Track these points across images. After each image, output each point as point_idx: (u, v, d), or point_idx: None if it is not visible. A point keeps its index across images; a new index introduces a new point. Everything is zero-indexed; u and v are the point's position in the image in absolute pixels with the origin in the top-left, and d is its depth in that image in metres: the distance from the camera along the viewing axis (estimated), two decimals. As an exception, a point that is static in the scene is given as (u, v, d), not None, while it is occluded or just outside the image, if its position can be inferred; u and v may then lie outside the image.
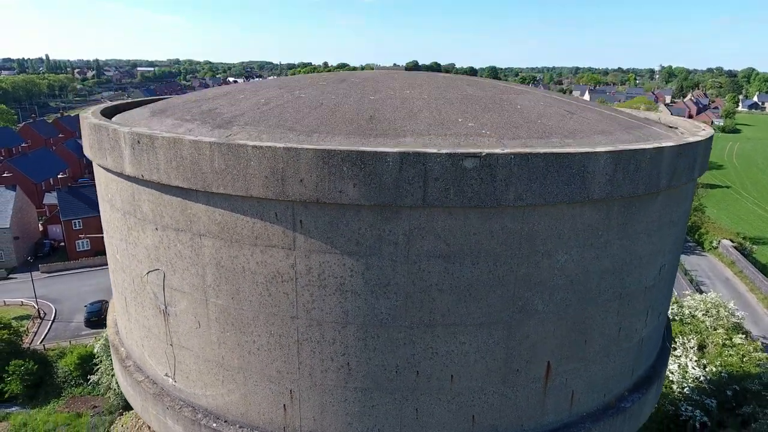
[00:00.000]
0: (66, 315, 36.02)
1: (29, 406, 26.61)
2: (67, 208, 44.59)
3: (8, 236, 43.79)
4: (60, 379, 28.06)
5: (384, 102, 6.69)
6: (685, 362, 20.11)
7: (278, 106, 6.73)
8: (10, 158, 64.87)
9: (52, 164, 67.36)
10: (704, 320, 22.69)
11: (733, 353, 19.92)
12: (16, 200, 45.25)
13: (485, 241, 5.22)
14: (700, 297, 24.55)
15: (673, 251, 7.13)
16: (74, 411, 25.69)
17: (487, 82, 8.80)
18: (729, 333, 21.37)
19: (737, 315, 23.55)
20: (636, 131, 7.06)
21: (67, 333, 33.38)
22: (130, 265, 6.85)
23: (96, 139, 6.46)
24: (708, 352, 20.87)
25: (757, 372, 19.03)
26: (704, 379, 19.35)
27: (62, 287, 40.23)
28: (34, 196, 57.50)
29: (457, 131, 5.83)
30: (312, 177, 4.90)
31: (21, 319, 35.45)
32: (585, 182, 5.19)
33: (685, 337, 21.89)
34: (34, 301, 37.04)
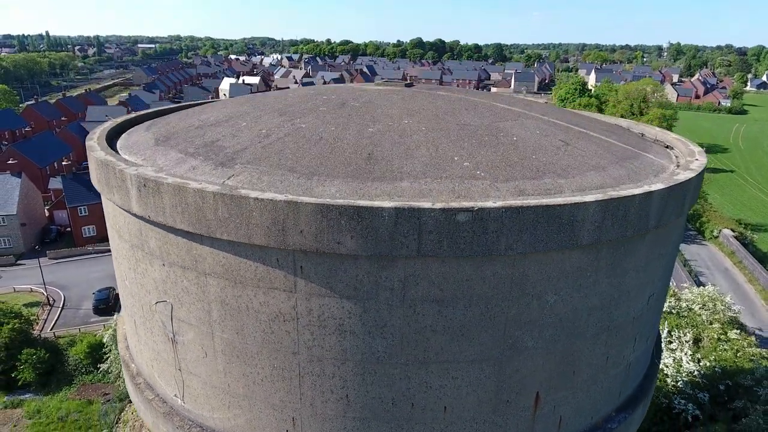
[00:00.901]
0: (74, 302, 36.81)
1: (42, 393, 27.57)
2: (73, 195, 45.06)
3: (15, 223, 44.39)
4: (71, 367, 28.94)
5: (382, 135, 6.85)
6: (680, 356, 20.53)
7: (279, 139, 6.90)
8: (14, 143, 65.06)
9: (56, 148, 67.57)
10: (701, 313, 23.06)
11: (728, 348, 20.33)
12: (22, 187, 45.72)
13: (477, 286, 5.46)
14: (697, 290, 24.89)
15: (663, 279, 7.36)
16: (85, 398, 26.60)
17: (486, 103, 8.89)
18: (724, 327, 21.73)
19: (734, 309, 23.91)
20: (630, 163, 7.21)
21: (77, 320, 34.19)
22: (138, 293, 7.14)
23: (103, 175, 6.67)
24: (703, 346, 21.29)
25: (749, 367, 19.45)
26: (698, 373, 19.80)
27: (70, 273, 40.97)
28: (38, 181, 57.90)
29: (453, 173, 6.01)
30: (311, 229, 5.12)
31: (31, 305, 36.26)
32: (574, 230, 5.39)
33: (681, 331, 22.28)
34: (43, 288, 37.82)
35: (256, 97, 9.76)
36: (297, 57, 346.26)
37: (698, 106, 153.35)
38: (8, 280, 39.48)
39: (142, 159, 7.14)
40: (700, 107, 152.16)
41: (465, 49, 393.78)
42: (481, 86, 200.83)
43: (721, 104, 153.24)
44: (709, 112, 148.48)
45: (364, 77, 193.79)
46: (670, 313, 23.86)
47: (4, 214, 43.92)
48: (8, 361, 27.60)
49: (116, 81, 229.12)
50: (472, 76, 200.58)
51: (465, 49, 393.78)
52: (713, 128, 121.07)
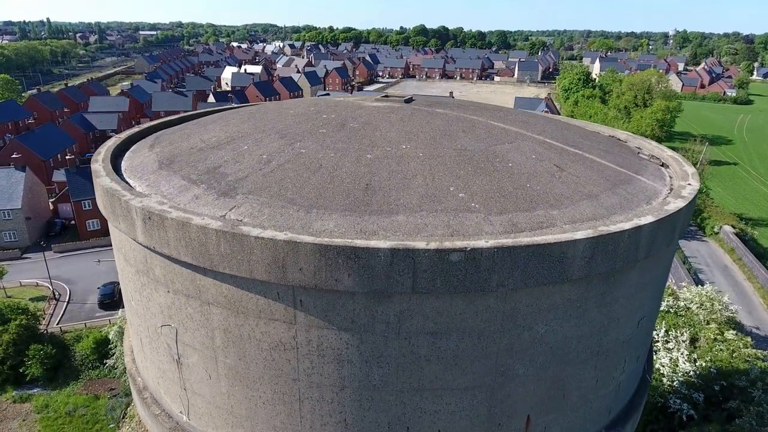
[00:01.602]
0: (80, 296, 37.31)
1: (49, 388, 28.16)
2: (77, 189, 45.36)
3: (20, 217, 44.79)
4: (77, 362, 29.49)
5: (381, 163, 7.01)
6: (676, 356, 20.81)
7: (279, 166, 7.07)
8: (18, 135, 65.27)
9: (59, 140, 67.79)
10: (698, 313, 23.29)
11: (724, 348, 20.58)
12: (26, 180, 46.03)
13: (470, 319, 5.67)
14: (695, 289, 25.09)
15: (653, 302, 7.55)
16: (92, 393, 27.18)
17: (483, 122, 9.01)
18: (721, 327, 21.97)
19: (731, 309, 24.14)
20: (623, 189, 7.35)
21: (82, 314, 34.70)
22: (144, 315, 7.39)
23: (109, 203, 6.87)
24: (700, 346, 21.55)
25: (744, 368, 19.72)
26: (694, 373, 20.09)
27: (75, 267, 41.44)
28: (42, 173, 58.18)
29: (448, 206, 6.18)
30: (310, 266, 5.32)
31: (37, 300, 36.80)
32: (564, 266, 5.58)
33: (678, 330, 22.54)
34: (48, 282, 38.31)
35: (257, 114, 9.89)
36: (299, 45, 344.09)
37: (703, 96, 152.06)
38: (14, 274, 39.98)
39: (147, 185, 7.32)
40: (705, 97, 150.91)
41: (468, 36, 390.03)
42: (485, 75, 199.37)
43: (726, 94, 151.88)
44: (714, 102, 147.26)
45: (367, 66, 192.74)
46: (668, 312, 24.11)
47: (10, 209, 44.32)
48: (16, 356, 28.17)
49: (118, 69, 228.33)
50: (476, 65, 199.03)
51: (468, 36, 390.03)
52: (718, 119, 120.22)
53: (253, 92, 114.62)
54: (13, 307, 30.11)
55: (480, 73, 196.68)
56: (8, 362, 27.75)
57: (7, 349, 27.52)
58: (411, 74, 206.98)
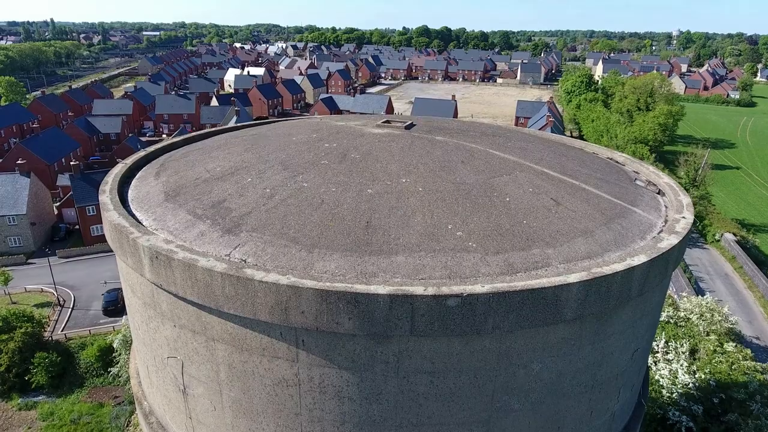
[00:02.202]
0: (84, 302, 37.64)
1: (54, 395, 28.44)
2: (81, 195, 45.70)
3: (25, 222, 45.18)
4: (82, 369, 29.80)
5: (381, 198, 7.20)
6: (676, 368, 20.93)
7: (282, 201, 7.27)
8: (22, 139, 65.75)
9: (64, 144, 68.25)
10: (698, 324, 23.39)
11: (723, 360, 20.68)
12: (31, 186, 46.41)
13: (466, 359, 5.86)
14: (696, 300, 25.18)
15: (648, 333, 7.72)
16: (96, 401, 27.47)
17: (482, 151, 9.18)
18: (721, 339, 22.07)
19: (731, 320, 24.23)
20: (618, 223, 7.51)
21: (86, 321, 35.01)
22: (151, 345, 7.59)
23: (117, 239, 7.07)
24: (699, 358, 21.66)
25: (744, 380, 19.82)
26: (693, 385, 20.21)
27: (79, 273, 41.78)
28: (47, 177, 58.61)
29: (446, 245, 6.36)
30: (312, 310, 5.52)
31: (41, 306, 37.14)
32: (558, 308, 5.76)
33: (678, 342, 22.65)
34: (53, 288, 38.65)
35: (260, 141, 10.09)
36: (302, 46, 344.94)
37: (706, 98, 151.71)
38: (19, 279, 40.30)
39: (153, 218, 7.53)
40: (708, 99, 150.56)
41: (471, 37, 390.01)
42: (487, 77, 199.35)
43: (729, 96, 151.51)
44: (717, 104, 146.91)
45: (369, 67, 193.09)
46: (668, 322, 24.22)
47: (15, 214, 44.72)
48: (22, 364, 28.48)
49: (121, 71, 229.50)
50: (478, 66, 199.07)
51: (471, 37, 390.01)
52: (721, 121, 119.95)
53: (255, 95, 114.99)
54: (18, 314, 30.45)
55: (482, 75, 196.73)
56: (14, 370, 28.08)
57: (12, 357, 27.87)
58: (414, 76, 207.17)
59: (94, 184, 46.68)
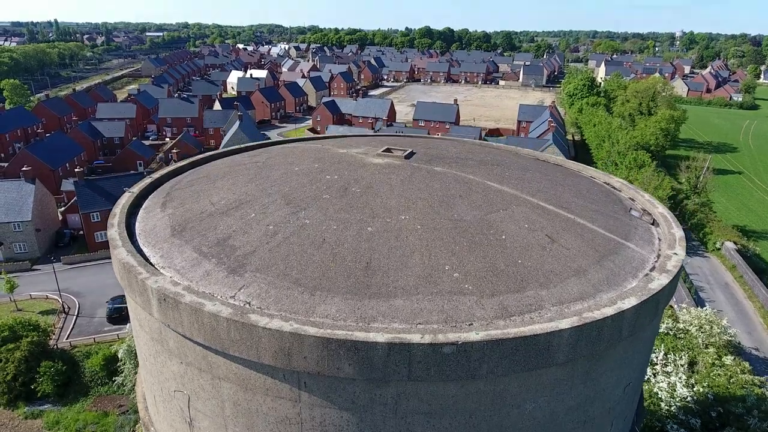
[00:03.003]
0: (89, 309, 37.97)
1: (60, 404, 28.77)
2: (85, 202, 46.10)
3: (30, 229, 45.59)
4: (87, 378, 30.13)
5: (380, 237, 7.43)
6: (674, 381, 21.08)
7: (285, 240, 7.51)
8: (27, 145, 66.24)
9: (68, 148, 68.73)
10: (697, 336, 23.53)
11: (722, 373, 20.84)
12: (36, 192, 46.84)
13: (462, 401, 6.09)
14: (695, 312, 25.31)
15: (639, 368, 7.94)
16: (101, 410, 27.80)
17: (480, 183, 9.40)
18: (719, 351, 22.22)
19: (730, 332, 24.36)
20: (611, 260, 7.73)
21: (91, 328, 35.33)
22: (158, 377, 7.85)
23: (126, 277, 7.33)
24: (698, 371, 21.81)
25: (741, 394, 19.98)
26: (691, 398, 20.36)
27: (84, 280, 42.11)
28: (51, 182, 59.01)
29: (443, 288, 6.60)
30: (314, 356, 5.76)
31: (46, 313, 37.51)
32: (550, 353, 5.98)
33: (677, 354, 22.80)
34: (57, 295, 38.99)
35: (264, 171, 10.32)
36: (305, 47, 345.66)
37: (709, 101, 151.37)
38: (25, 286, 40.67)
39: (160, 255, 7.78)
40: (711, 102, 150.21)
41: (473, 38, 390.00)
42: (489, 79, 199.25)
43: (732, 99, 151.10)
44: (720, 107, 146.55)
45: (372, 69, 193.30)
46: (667, 334, 24.36)
47: (20, 221, 45.14)
48: (27, 373, 28.83)
49: (125, 72, 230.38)
50: (480, 68, 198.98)
51: (473, 38, 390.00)
52: (723, 125, 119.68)
53: (258, 98, 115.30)
54: (24, 323, 30.82)
55: (485, 77, 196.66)
56: (20, 379, 28.43)
57: (18, 366, 28.22)
58: (416, 78, 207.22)
59: (99, 190, 47.10)
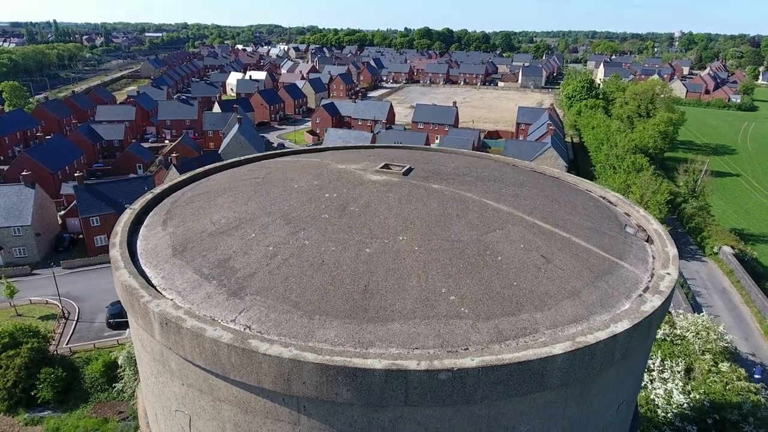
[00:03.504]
0: (88, 314, 38.09)
1: (60, 410, 28.88)
2: (85, 206, 46.21)
3: (30, 233, 45.70)
4: (87, 384, 30.24)
5: (378, 259, 7.57)
6: (671, 387, 21.24)
7: (285, 261, 7.64)
8: (26, 148, 66.36)
9: (67, 152, 68.85)
10: (694, 342, 23.70)
11: (718, 380, 20.99)
12: (36, 197, 46.93)
13: (458, 424, 6.23)
14: (692, 318, 25.49)
15: (632, 386, 8.07)
16: (101, 416, 27.91)
17: (477, 201, 9.53)
18: (716, 358, 22.38)
19: (726, 338, 24.52)
20: (605, 281, 7.86)
21: (91, 334, 35.47)
22: (160, 396, 7.98)
23: (128, 299, 7.46)
24: (694, 377, 21.97)
25: (737, 401, 20.14)
26: (687, 405, 20.52)
27: (84, 285, 42.24)
28: (51, 186, 59.12)
29: (439, 311, 6.73)
30: (313, 381, 5.89)
31: (46, 318, 37.64)
32: (544, 378, 6.12)
33: (674, 360, 22.95)
34: (57, 300, 39.12)
35: (264, 187, 10.46)
36: (304, 48, 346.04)
37: (707, 102, 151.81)
38: (24, 291, 40.78)
39: (162, 276, 7.91)
40: (710, 103, 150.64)
41: (473, 38, 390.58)
42: (489, 80, 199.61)
43: (730, 100, 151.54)
44: (719, 108, 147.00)
45: (371, 71, 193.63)
46: (664, 340, 24.52)
47: (20, 225, 45.24)
48: (28, 379, 28.93)
49: (124, 73, 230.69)
50: (479, 70, 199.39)
51: (473, 38, 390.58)
52: (722, 126, 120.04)
53: (258, 100, 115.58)
54: (24, 329, 30.93)
55: (484, 78, 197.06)
56: (20, 385, 28.51)
57: (19, 372, 28.32)
58: (415, 79, 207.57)
59: (98, 194, 47.23)
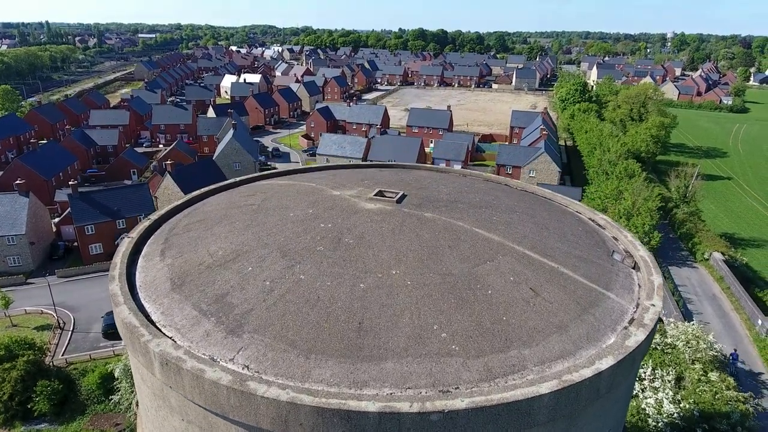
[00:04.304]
0: (84, 324, 38.05)
1: (56, 423, 28.90)
2: (80, 215, 46.11)
3: (24, 242, 45.56)
4: (83, 396, 30.26)
5: (372, 294, 7.81)
6: (661, 397, 21.60)
7: (281, 297, 7.87)
8: (20, 155, 66.09)
9: (61, 158, 68.58)
10: (684, 351, 24.09)
11: (707, 389, 21.38)
12: (30, 206, 46.78)
13: (449, 460, 6.47)
14: (682, 327, 25.89)
15: (618, 415, 8.35)
16: (98, 428, 27.94)
17: (468, 231, 9.79)
18: (706, 367, 22.77)
19: (716, 347, 24.93)
20: (591, 314, 8.13)
21: (86, 344, 35.44)
22: (160, 428, 8.16)
23: (128, 337, 7.65)
24: (684, 386, 22.34)
25: (726, 411, 20.53)
26: (678, 415, 20.88)
27: (79, 294, 42.17)
28: (45, 192, 58.91)
29: (431, 349, 6.97)
30: (309, 422, 6.12)
31: (42, 328, 37.58)
32: (531, 416, 6.38)
33: (664, 369, 23.32)
34: (52, 310, 39.04)
35: (260, 216, 10.67)
36: (298, 49, 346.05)
37: (699, 104, 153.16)
38: (19, 300, 40.67)
39: (161, 312, 8.10)
40: (701, 105, 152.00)
41: (467, 39, 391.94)
42: (483, 82, 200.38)
43: (722, 102, 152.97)
44: (710, 110, 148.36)
45: (365, 73, 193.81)
46: (655, 349, 24.90)
47: (14, 234, 45.08)
48: (24, 392, 28.91)
49: (117, 75, 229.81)
50: (474, 72, 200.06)
51: (467, 39, 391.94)
52: (713, 129, 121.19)
53: (252, 104, 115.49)
54: (20, 342, 30.91)
55: (478, 80, 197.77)
56: (16, 398, 28.48)
57: (15, 385, 28.29)
58: (410, 81, 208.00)
59: (93, 203, 47.15)
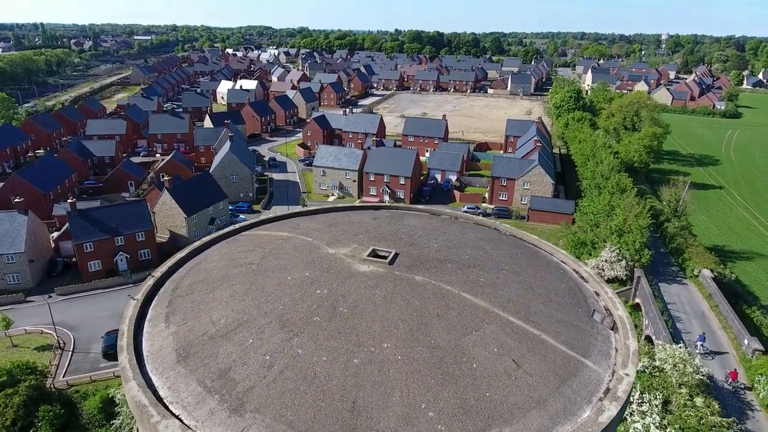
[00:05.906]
0: (84, 344, 38.40)
1: (58, 448, 29.39)
2: (79, 232, 46.42)
3: (23, 260, 45.84)
4: (85, 420, 30.71)
5: (365, 370, 8.41)
6: (649, 423, 22.26)
7: (280, 374, 8.46)
8: (18, 170, 66.25)
9: (58, 171, 68.76)
10: (671, 375, 24.75)
11: (693, 414, 22.04)
12: (29, 224, 47.04)
13: None
14: (670, 350, 26.56)
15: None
16: (99, 453, 28.43)
17: (455, 298, 10.39)
18: (692, 391, 23.44)
19: (702, 372, 25.59)
20: (569, 386, 8.74)
21: (87, 365, 35.83)
22: (167, 496, 8.72)
23: (138, 414, 8.22)
24: (671, 411, 23.02)
25: (711, 437, 21.23)
26: (665, 440, 21.55)
27: (78, 312, 42.48)
28: (43, 207, 59.17)
29: (419, 430, 7.59)
30: None
31: (42, 349, 37.95)
32: (510, 498, 6.99)
33: (652, 393, 23.99)
34: (53, 329, 39.36)
35: (259, 278, 11.26)
36: (294, 52, 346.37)
37: (693, 109, 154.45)
38: (19, 319, 40.94)
39: (168, 387, 8.68)
40: (695, 110, 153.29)
41: (463, 41, 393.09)
42: (478, 87, 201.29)
43: (715, 107, 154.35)
44: (704, 115, 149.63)
45: (362, 78, 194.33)
46: (643, 372, 25.57)
47: (13, 252, 45.37)
48: (26, 417, 29.32)
49: (113, 80, 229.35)
50: (469, 76, 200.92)
51: (463, 41, 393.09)
52: (706, 135, 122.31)
53: (249, 112, 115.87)
54: (22, 367, 31.32)
55: (473, 85, 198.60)
56: (19, 423, 28.89)
57: (17, 411, 28.71)
58: (405, 86, 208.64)
59: (92, 220, 47.51)
